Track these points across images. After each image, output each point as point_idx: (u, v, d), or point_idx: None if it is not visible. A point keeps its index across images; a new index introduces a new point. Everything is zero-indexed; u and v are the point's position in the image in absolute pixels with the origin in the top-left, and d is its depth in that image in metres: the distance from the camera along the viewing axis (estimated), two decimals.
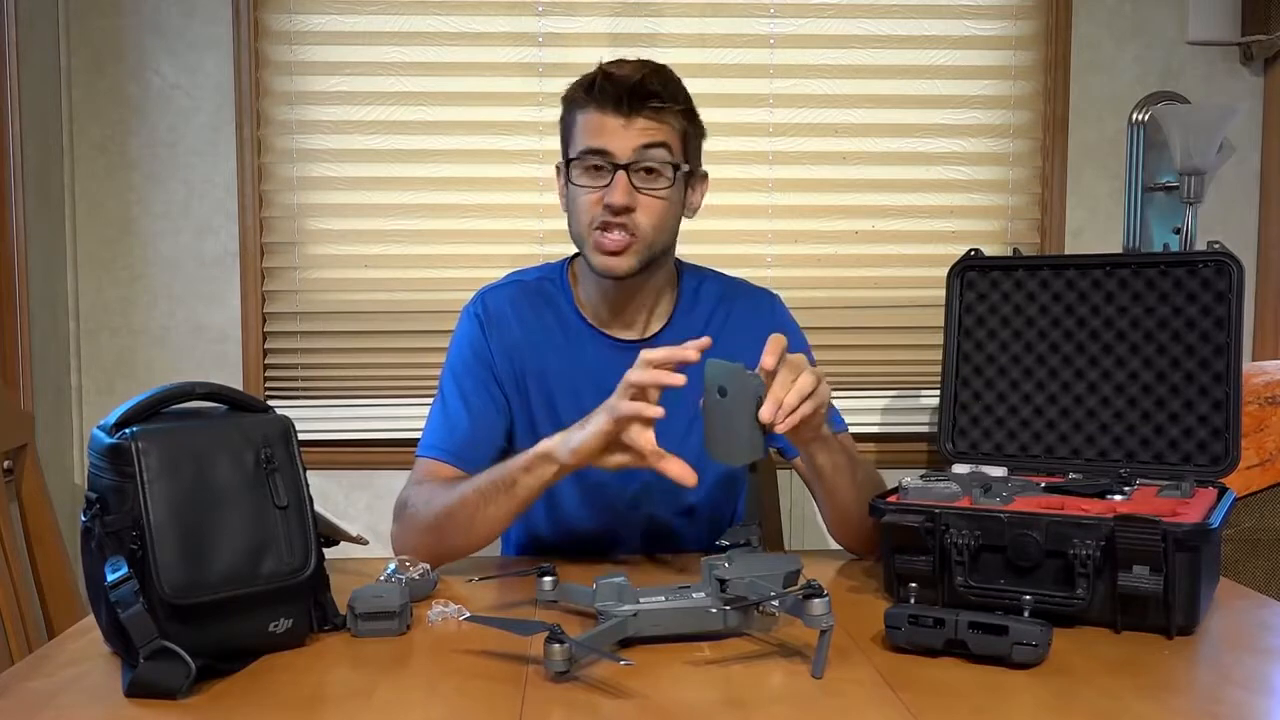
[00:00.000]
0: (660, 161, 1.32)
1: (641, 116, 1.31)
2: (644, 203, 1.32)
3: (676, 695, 0.92)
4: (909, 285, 2.20)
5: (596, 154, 1.32)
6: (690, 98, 1.38)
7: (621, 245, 1.32)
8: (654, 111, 1.32)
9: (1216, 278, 1.28)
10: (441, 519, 1.28)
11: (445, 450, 1.37)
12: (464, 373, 1.42)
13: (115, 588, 0.92)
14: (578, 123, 1.35)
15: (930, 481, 1.22)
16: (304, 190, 2.16)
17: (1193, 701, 0.93)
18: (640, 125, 1.31)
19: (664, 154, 1.33)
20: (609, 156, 1.31)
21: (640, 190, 1.32)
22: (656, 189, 1.33)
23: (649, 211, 1.33)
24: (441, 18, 2.14)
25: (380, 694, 0.93)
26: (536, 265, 1.52)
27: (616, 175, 1.31)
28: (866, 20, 2.17)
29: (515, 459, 1.25)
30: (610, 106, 1.31)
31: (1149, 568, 1.04)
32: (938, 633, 0.99)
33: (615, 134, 1.31)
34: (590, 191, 1.33)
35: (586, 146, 1.33)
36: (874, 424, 2.21)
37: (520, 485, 1.23)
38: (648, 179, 1.32)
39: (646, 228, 1.33)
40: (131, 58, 2.11)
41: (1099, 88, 2.20)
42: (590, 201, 1.33)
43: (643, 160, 1.31)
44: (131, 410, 0.99)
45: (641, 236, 1.33)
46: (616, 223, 1.31)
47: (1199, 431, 1.28)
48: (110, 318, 2.15)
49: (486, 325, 1.43)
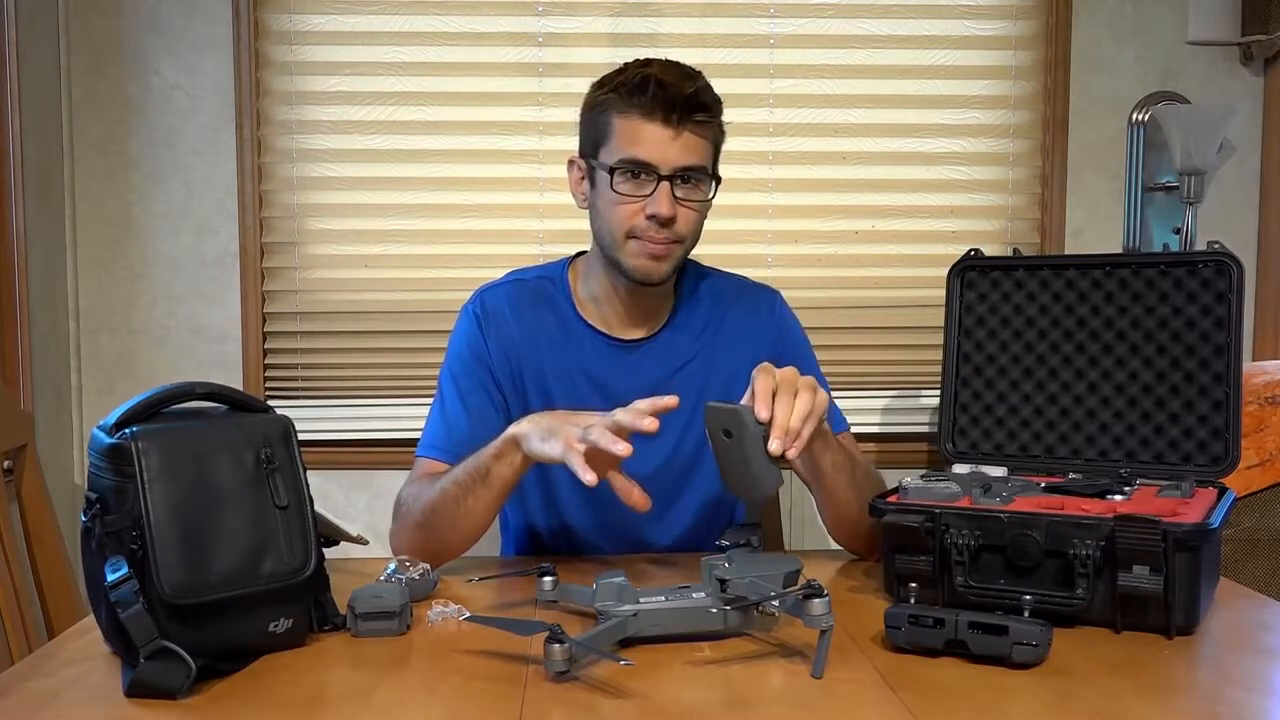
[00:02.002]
0: (701, 173, 1.32)
1: (688, 130, 1.30)
2: (683, 213, 1.32)
3: (676, 695, 0.92)
4: (909, 285, 2.20)
5: (641, 165, 1.30)
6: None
7: (665, 252, 1.33)
8: (698, 125, 1.31)
9: (1216, 278, 1.28)
10: (428, 515, 1.28)
11: (442, 449, 1.37)
12: (462, 372, 1.42)
13: (115, 588, 0.92)
14: (615, 126, 1.31)
15: (930, 481, 1.22)
16: (304, 190, 2.16)
17: (1193, 701, 0.93)
18: (686, 138, 1.30)
19: (705, 166, 1.33)
20: (653, 168, 1.30)
21: (681, 201, 1.32)
22: (696, 200, 1.33)
23: (688, 221, 1.33)
24: (441, 18, 2.14)
25: (380, 694, 0.93)
26: (536, 265, 1.52)
27: (660, 186, 1.30)
28: (866, 20, 2.17)
29: (486, 447, 1.25)
30: (659, 116, 1.28)
31: (1149, 568, 1.04)
32: (938, 633, 0.99)
33: (662, 146, 1.29)
34: (632, 201, 1.31)
35: (631, 156, 1.30)
36: (874, 424, 2.21)
37: (494, 475, 1.24)
38: (688, 189, 1.32)
39: (686, 235, 1.34)
40: (131, 58, 2.11)
41: (1099, 88, 2.20)
42: (630, 211, 1.31)
43: (686, 173, 1.31)
44: (131, 410, 0.99)
45: (682, 243, 1.34)
46: (662, 234, 1.31)
47: (1199, 431, 1.28)
48: (110, 318, 2.15)
49: (484, 324, 1.43)
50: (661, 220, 1.30)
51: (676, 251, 1.34)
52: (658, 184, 1.29)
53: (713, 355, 1.43)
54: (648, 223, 1.31)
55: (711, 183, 1.35)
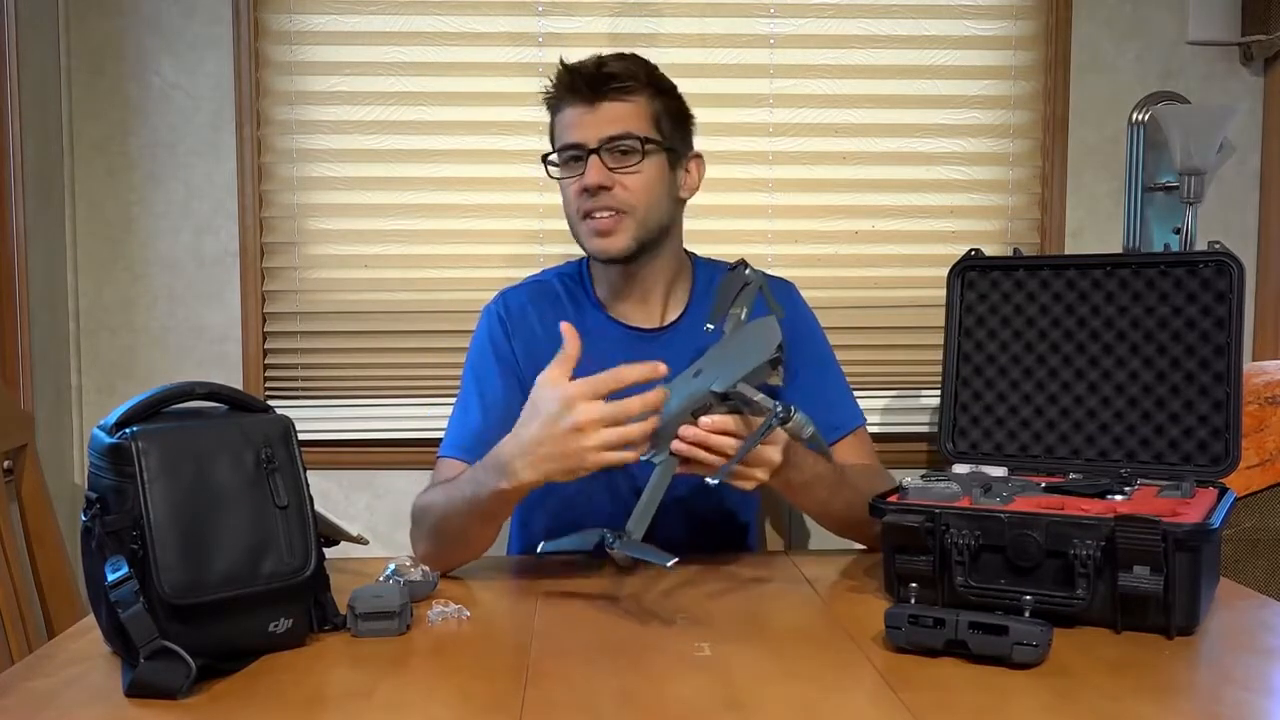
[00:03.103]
0: (629, 140, 1.35)
1: (606, 101, 1.35)
2: (622, 180, 1.35)
3: (676, 695, 0.92)
4: (909, 285, 2.20)
5: (570, 147, 1.36)
6: (660, 77, 1.40)
7: (611, 224, 1.35)
8: (618, 93, 1.35)
9: (1216, 278, 1.28)
10: (439, 528, 1.28)
11: (463, 450, 1.37)
12: (484, 373, 1.43)
13: (115, 588, 0.92)
14: (555, 125, 1.40)
15: (930, 481, 1.22)
16: (304, 190, 2.16)
17: (1193, 701, 0.93)
18: (606, 108, 1.35)
19: (631, 132, 1.35)
20: (580, 146, 1.35)
21: (615, 170, 1.34)
22: (630, 166, 1.35)
23: (629, 188, 1.35)
24: (441, 18, 2.14)
25: (380, 694, 0.93)
26: (555, 265, 1.54)
27: (589, 159, 1.34)
28: (866, 20, 2.17)
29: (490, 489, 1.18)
30: (575, 98, 1.36)
31: (1149, 568, 1.04)
32: (938, 633, 0.99)
33: (583, 122, 1.35)
34: (571, 181, 1.37)
35: (561, 143, 1.37)
36: (874, 424, 2.20)
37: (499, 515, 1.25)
38: (622, 159, 1.35)
39: (632, 203, 1.35)
40: (131, 58, 2.11)
41: (1099, 88, 2.20)
42: (573, 192, 1.37)
43: (611, 142, 1.34)
44: (131, 410, 1.00)
45: (630, 212, 1.35)
46: (599, 205, 1.34)
47: (1199, 431, 1.28)
48: (110, 318, 2.15)
49: (508, 323, 1.45)
50: (591, 189, 1.33)
51: (626, 223, 1.35)
52: (586, 158, 1.34)
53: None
54: (586, 195, 1.34)
55: (644, 146, 1.35)
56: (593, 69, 1.35)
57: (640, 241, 1.36)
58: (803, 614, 1.17)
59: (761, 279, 1.30)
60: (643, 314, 1.44)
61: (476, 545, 1.29)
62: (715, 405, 1.15)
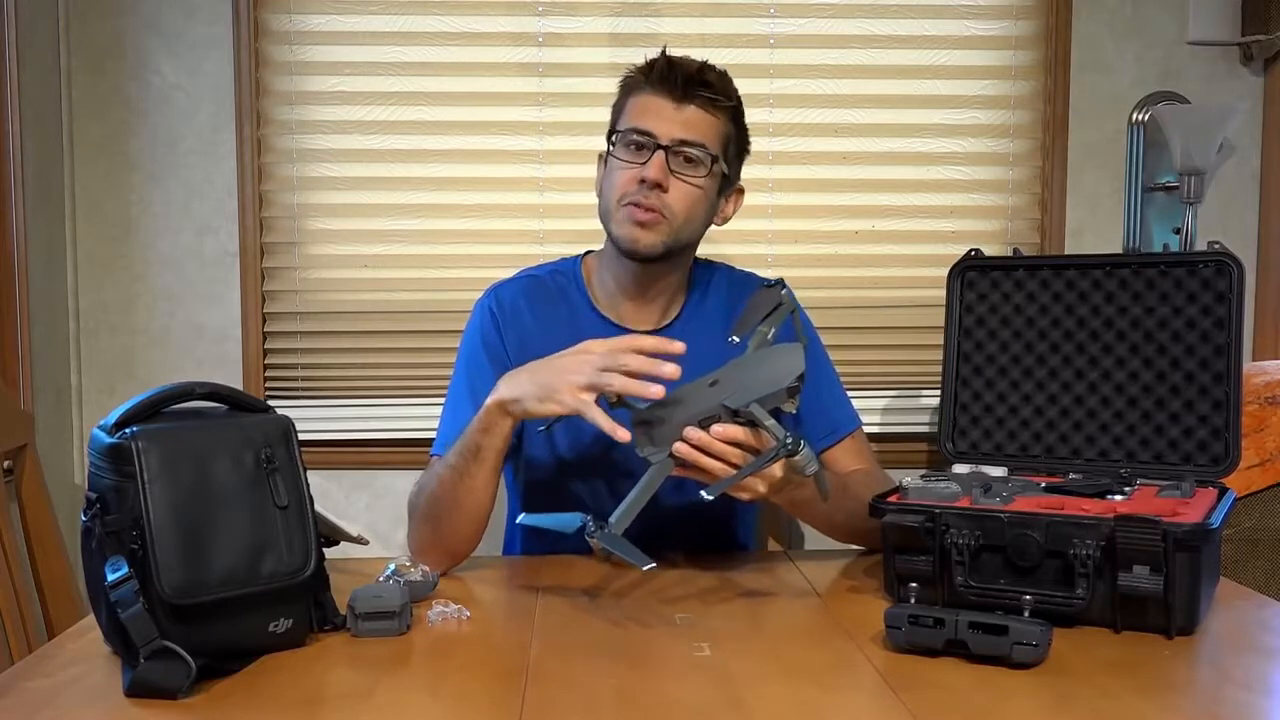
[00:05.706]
0: (701, 150, 1.34)
1: (692, 105, 1.34)
2: (677, 186, 1.34)
3: (676, 695, 0.92)
4: (909, 285, 2.20)
5: (641, 133, 1.34)
6: (741, 107, 1.40)
7: (650, 220, 1.34)
8: (705, 102, 1.34)
9: (1216, 278, 1.28)
10: (431, 504, 1.29)
11: None
12: (475, 368, 1.42)
13: (115, 588, 0.92)
14: (628, 104, 1.39)
15: (930, 481, 1.22)
16: (304, 190, 2.16)
17: (1193, 701, 0.93)
18: (689, 113, 1.34)
19: (706, 145, 1.35)
20: (652, 136, 1.33)
21: (676, 174, 1.33)
22: (691, 175, 1.34)
23: (680, 196, 1.34)
24: (441, 18, 2.14)
25: (380, 694, 0.93)
26: (550, 262, 1.53)
27: (656, 153, 1.33)
28: (866, 20, 2.17)
29: (472, 423, 1.25)
30: (665, 90, 1.34)
31: (1149, 568, 1.04)
32: (938, 633, 0.99)
33: (663, 116, 1.34)
34: (628, 167, 1.35)
35: (632, 125, 1.35)
36: (874, 424, 2.20)
37: (485, 448, 1.25)
38: (685, 165, 1.34)
39: (677, 210, 1.35)
40: (131, 58, 2.11)
41: (1099, 88, 2.20)
42: (626, 178, 1.35)
43: (684, 146, 1.33)
44: (131, 410, 0.99)
45: (670, 218, 1.35)
46: (647, 200, 1.33)
47: (1199, 431, 1.28)
48: (110, 318, 2.15)
49: (500, 318, 1.44)
50: (650, 182, 1.32)
51: (664, 226, 1.34)
52: (654, 152, 1.33)
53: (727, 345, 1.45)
54: (639, 187, 1.33)
55: (713, 165, 1.35)
56: (692, 70, 1.35)
57: (668, 249, 1.36)
58: (802, 614, 1.18)
59: (794, 304, 1.29)
60: (637, 316, 1.44)
61: (467, 503, 1.26)
62: (724, 419, 1.14)
